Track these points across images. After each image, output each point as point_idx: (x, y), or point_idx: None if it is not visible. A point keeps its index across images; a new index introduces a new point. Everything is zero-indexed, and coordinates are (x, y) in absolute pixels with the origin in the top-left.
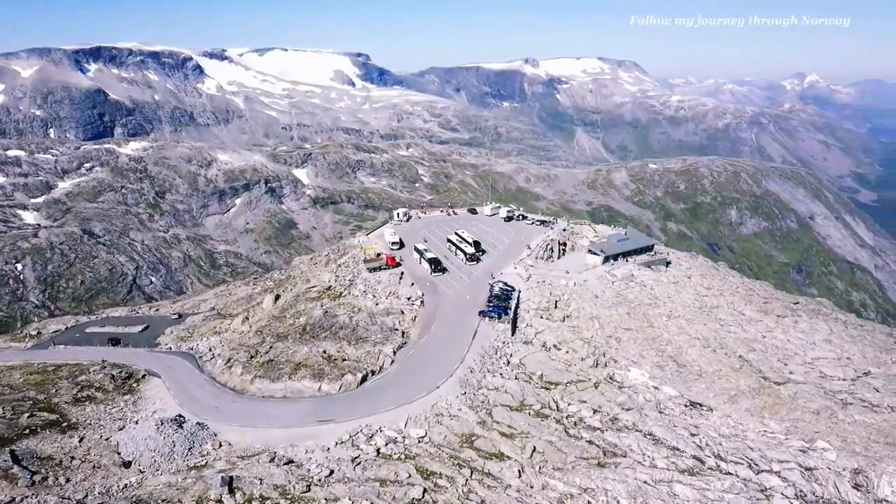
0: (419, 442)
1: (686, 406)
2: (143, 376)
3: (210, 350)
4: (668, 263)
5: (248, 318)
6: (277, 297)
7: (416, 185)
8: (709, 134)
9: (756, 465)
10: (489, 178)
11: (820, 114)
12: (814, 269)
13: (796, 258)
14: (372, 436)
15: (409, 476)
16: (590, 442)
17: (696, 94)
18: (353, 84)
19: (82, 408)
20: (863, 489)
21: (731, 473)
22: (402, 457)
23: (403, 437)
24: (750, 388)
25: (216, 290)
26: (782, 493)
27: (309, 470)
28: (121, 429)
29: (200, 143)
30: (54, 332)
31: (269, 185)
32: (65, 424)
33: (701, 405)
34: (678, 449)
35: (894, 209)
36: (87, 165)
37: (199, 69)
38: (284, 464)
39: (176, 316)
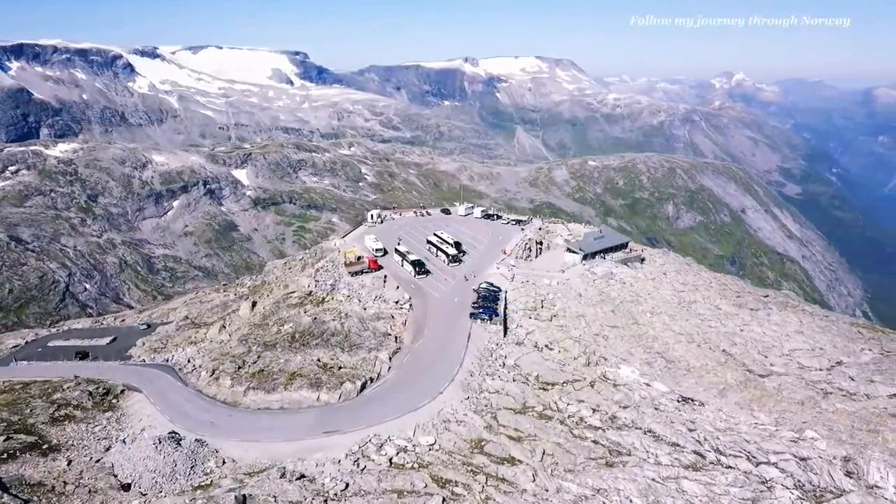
0: (430, 450)
1: (679, 401)
2: (122, 391)
3: (189, 361)
4: (642, 260)
5: (225, 327)
6: (254, 304)
7: (360, 184)
8: (644, 131)
9: (754, 457)
10: (460, 182)
11: (748, 111)
12: (746, 260)
13: (730, 250)
14: (382, 445)
15: (426, 486)
16: (595, 442)
17: (631, 93)
18: (291, 83)
19: (62, 428)
20: (854, 476)
21: (732, 467)
22: (416, 466)
23: (414, 446)
24: (737, 382)
25: (185, 298)
26: (782, 485)
27: (323, 484)
28: (107, 449)
29: (133, 143)
30: (14, 347)
31: (207, 186)
32: (45, 447)
33: (692, 400)
34: (678, 445)
35: (818, 202)
36: (12, 168)
37: (129, 67)
38: (297, 479)
39: (144, 326)
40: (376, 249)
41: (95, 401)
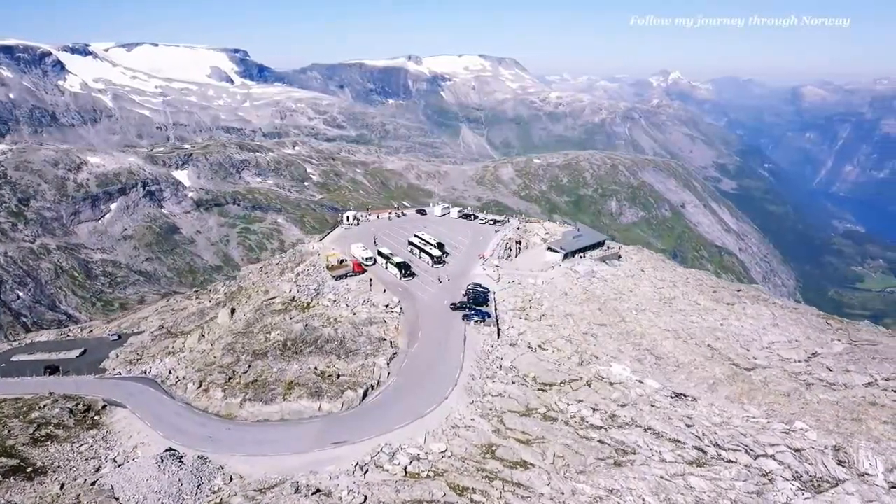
0: (442, 457)
1: (672, 397)
2: (104, 407)
3: (171, 373)
4: (619, 257)
5: (204, 335)
6: (233, 311)
7: (306, 183)
8: (586, 128)
9: (752, 450)
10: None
11: (684, 108)
12: (687, 253)
13: (672, 244)
14: (394, 454)
15: (445, 494)
16: (601, 441)
17: (572, 91)
18: (231, 81)
19: (44, 449)
20: (846, 465)
21: (733, 461)
22: (431, 474)
23: (426, 454)
24: (725, 376)
25: (156, 306)
26: (782, 476)
27: (341, 498)
28: (97, 469)
29: (66, 144)
30: None
31: (147, 188)
32: (30, 470)
33: (685, 396)
34: (679, 441)
35: (752, 196)
36: None
37: (59, 65)
38: (313, 493)
39: (115, 337)
40: (367, 258)
41: (77, 418)
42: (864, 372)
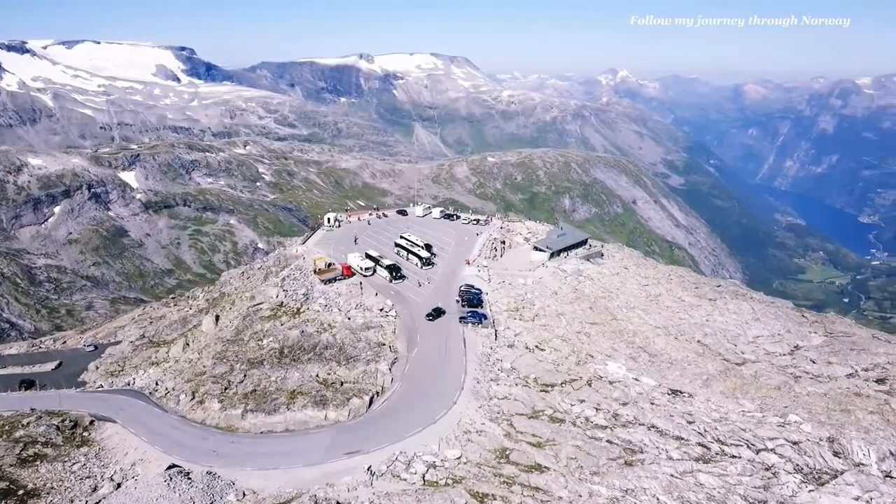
0: (458, 463)
1: (669, 394)
2: (92, 422)
3: (158, 384)
4: (601, 255)
5: (189, 344)
6: (217, 318)
7: (258, 184)
8: (538, 126)
9: (753, 445)
10: (416, 182)
11: (633, 106)
12: (640, 248)
13: (624, 240)
14: (410, 462)
15: (466, 502)
16: (609, 441)
17: (523, 90)
18: (178, 80)
19: (34, 469)
20: (842, 456)
21: (736, 456)
22: (450, 482)
23: (442, 461)
24: (718, 372)
25: (133, 315)
26: (784, 470)
27: None
28: (94, 489)
29: (4, 146)
30: None
31: (92, 190)
32: (21, 493)
33: (681, 392)
34: (683, 438)
35: (699, 192)
36: None
37: None
38: None
39: (91, 348)
40: (366, 268)
41: (65, 435)
42: (845, 363)
